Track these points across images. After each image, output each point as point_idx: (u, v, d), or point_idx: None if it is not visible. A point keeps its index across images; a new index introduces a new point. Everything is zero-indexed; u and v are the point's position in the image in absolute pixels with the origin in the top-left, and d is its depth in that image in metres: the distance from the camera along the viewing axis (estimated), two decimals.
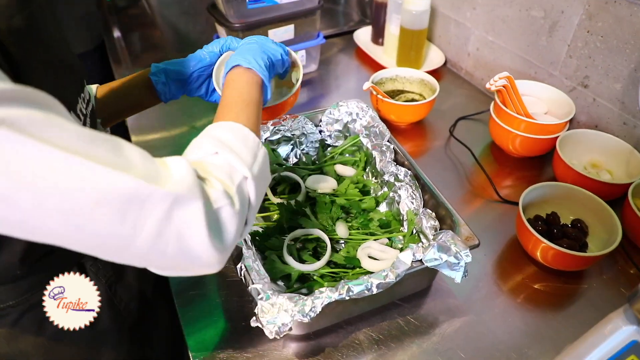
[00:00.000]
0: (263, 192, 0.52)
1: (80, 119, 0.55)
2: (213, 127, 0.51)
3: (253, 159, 0.49)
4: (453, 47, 1.31)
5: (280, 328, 0.56)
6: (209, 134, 0.50)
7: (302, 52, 1.24)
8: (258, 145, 0.51)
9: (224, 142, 0.48)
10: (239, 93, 0.58)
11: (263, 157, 0.51)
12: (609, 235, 0.75)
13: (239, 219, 0.46)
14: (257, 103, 0.58)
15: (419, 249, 0.63)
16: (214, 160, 0.47)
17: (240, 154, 0.48)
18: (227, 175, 0.46)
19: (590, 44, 0.93)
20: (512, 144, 0.96)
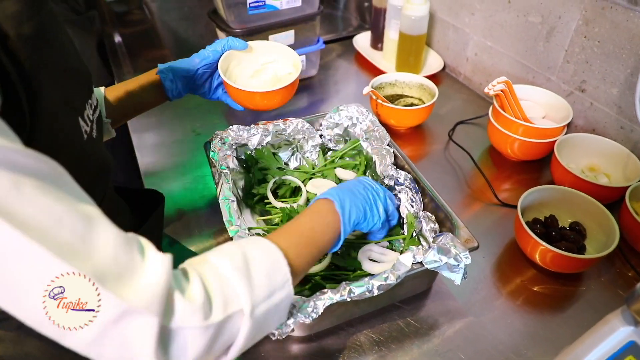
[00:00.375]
0: (260, 335, 0.48)
1: (88, 124, 0.55)
2: (254, 241, 0.49)
3: (267, 296, 0.45)
4: (452, 52, 1.32)
5: (282, 330, 0.57)
6: (244, 247, 0.47)
7: (302, 57, 1.25)
8: (284, 284, 0.47)
9: (247, 263, 0.45)
10: (312, 227, 0.55)
11: (281, 298, 0.47)
12: (607, 238, 0.75)
13: (205, 345, 0.41)
14: (321, 248, 0.55)
15: (419, 251, 0.64)
16: (224, 274, 0.44)
17: (254, 285, 0.44)
18: (222, 297, 0.42)
19: (587, 49, 0.94)
20: (510, 148, 0.97)
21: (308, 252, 0.52)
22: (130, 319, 0.37)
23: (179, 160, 1.03)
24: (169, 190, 0.94)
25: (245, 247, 0.47)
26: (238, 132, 0.85)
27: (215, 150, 0.81)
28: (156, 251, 0.41)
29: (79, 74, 0.56)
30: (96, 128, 0.59)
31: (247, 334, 0.44)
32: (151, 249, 0.41)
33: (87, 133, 0.55)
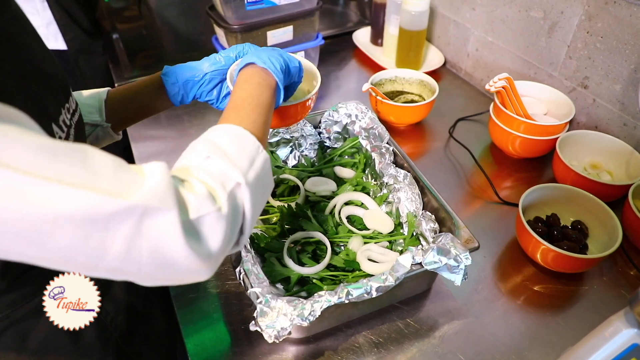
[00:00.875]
0: (263, 199, 0.50)
1: (63, 130, 0.53)
2: (212, 129, 0.50)
3: (249, 164, 0.47)
4: (452, 48, 1.30)
5: (280, 332, 0.56)
6: (206, 137, 0.49)
7: (301, 53, 1.23)
8: (257, 149, 0.49)
9: (218, 146, 0.47)
10: (249, 94, 0.56)
11: (262, 162, 0.49)
12: (609, 237, 0.74)
13: (227, 226, 0.43)
14: (266, 106, 0.56)
15: (418, 252, 0.63)
16: (206, 165, 0.45)
17: (235, 158, 0.46)
18: (217, 181, 0.44)
19: (590, 44, 0.92)
20: (511, 145, 0.96)
21: (258, 114, 0.54)
22: (151, 219, 0.37)
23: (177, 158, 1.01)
24: None
25: (208, 136, 0.49)
26: None
27: None
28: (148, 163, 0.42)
29: (51, 79, 0.53)
30: (74, 133, 0.56)
31: (251, 201, 0.46)
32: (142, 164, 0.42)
33: (61, 139, 0.51)
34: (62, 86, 0.55)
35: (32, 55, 0.50)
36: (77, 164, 0.36)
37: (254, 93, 0.56)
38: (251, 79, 0.58)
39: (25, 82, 0.48)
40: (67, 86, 0.57)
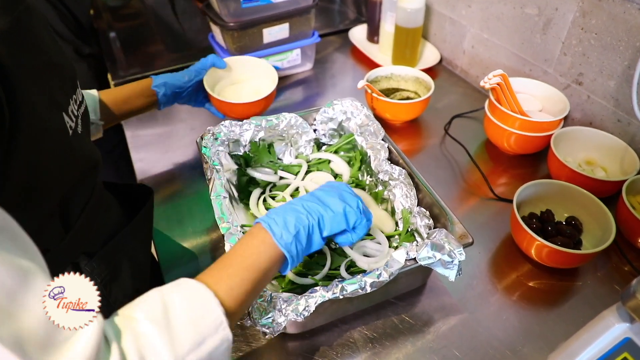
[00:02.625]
0: None
1: (72, 120, 0.55)
2: (177, 284, 0.45)
3: (195, 346, 0.41)
4: (448, 45, 1.31)
5: (274, 327, 0.56)
6: (164, 295, 0.43)
7: (297, 51, 1.23)
8: (217, 327, 0.43)
9: (167, 314, 0.41)
10: (242, 253, 0.50)
11: (216, 344, 0.42)
12: (603, 233, 0.75)
13: None
14: (259, 271, 0.49)
15: (412, 248, 0.63)
16: (140, 330, 0.40)
17: (177, 337, 0.40)
18: (138, 356, 0.39)
19: (585, 41, 0.93)
20: (507, 142, 0.96)
21: (243, 281, 0.47)
22: None
23: (173, 155, 1.02)
24: (163, 186, 0.94)
25: (166, 293, 0.43)
26: (230, 128, 0.84)
27: (207, 146, 0.80)
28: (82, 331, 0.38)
29: (61, 70, 0.55)
30: (81, 124, 0.58)
31: None
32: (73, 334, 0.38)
33: (72, 128, 0.54)
34: (70, 77, 0.57)
35: (44, 46, 0.52)
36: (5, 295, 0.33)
37: (247, 253, 0.50)
38: (253, 237, 0.51)
39: (38, 72, 0.49)
40: (74, 77, 0.58)
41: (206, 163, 0.78)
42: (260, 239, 0.51)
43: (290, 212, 0.53)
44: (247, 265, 0.49)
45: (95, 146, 0.63)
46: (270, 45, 1.19)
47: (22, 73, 0.45)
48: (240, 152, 0.86)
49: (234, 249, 0.51)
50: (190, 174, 0.97)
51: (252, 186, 0.84)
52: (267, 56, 1.19)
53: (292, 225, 0.52)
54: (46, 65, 0.51)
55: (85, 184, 0.60)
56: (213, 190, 0.72)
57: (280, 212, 0.53)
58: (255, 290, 0.49)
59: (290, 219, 0.52)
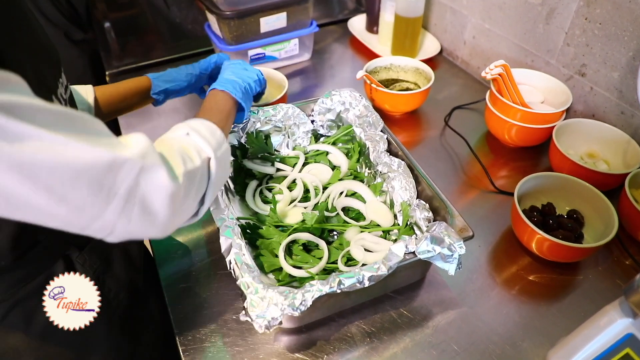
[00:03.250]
0: (223, 177, 0.58)
1: (61, 103, 0.54)
2: (192, 120, 0.59)
3: (218, 146, 0.56)
4: (449, 35, 1.28)
5: (270, 322, 0.55)
6: (184, 122, 0.57)
7: (295, 41, 1.21)
8: (223, 139, 0.58)
9: (195, 128, 0.55)
10: (214, 104, 0.69)
11: (226, 149, 0.58)
12: (605, 226, 0.73)
13: (197, 189, 0.52)
14: (228, 114, 0.69)
15: (411, 241, 0.62)
16: (186, 139, 0.54)
17: (208, 139, 0.55)
18: (195, 152, 0.52)
19: (588, 31, 0.91)
20: (508, 134, 0.95)
21: (221, 118, 0.66)
22: (145, 173, 0.43)
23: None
24: None
25: (186, 122, 0.57)
26: None
27: None
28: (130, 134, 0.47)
29: (48, 52, 0.54)
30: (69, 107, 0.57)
31: (216, 175, 0.55)
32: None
33: None
34: (56, 60, 0.56)
35: (31, 28, 0.51)
36: (83, 125, 0.40)
37: (218, 104, 0.69)
38: (214, 97, 0.71)
39: (27, 53, 0.49)
40: (59, 60, 0.57)
41: None
42: (221, 96, 0.71)
43: (234, 82, 0.73)
44: (221, 110, 0.68)
45: None
46: (267, 35, 1.16)
47: (13, 54, 0.44)
48: (236, 143, 0.84)
49: (207, 104, 0.69)
50: None
51: (249, 178, 0.83)
52: (264, 46, 1.17)
53: (236, 85, 0.73)
54: (34, 47, 0.51)
55: None
56: None
57: (228, 80, 0.73)
58: (229, 124, 0.69)
59: (236, 84, 0.73)
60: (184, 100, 1.13)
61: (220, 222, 0.65)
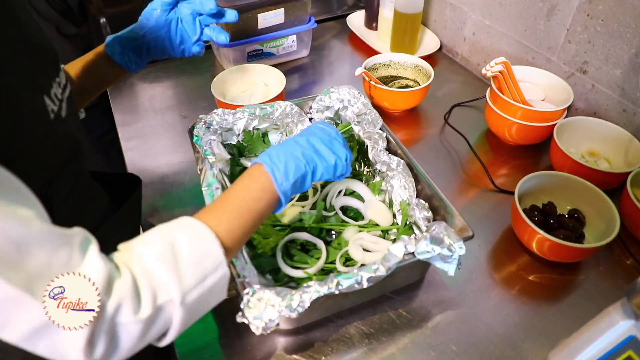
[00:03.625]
0: (201, 313, 0.48)
1: (55, 103, 0.53)
2: (182, 224, 0.47)
3: (198, 282, 0.45)
4: (448, 32, 1.27)
5: (267, 324, 0.54)
6: (170, 233, 0.46)
7: (293, 37, 1.20)
8: (217, 266, 0.46)
9: (174, 252, 0.44)
10: (243, 197, 0.52)
11: (215, 281, 0.46)
12: (607, 226, 0.73)
13: (138, 338, 0.42)
14: (257, 216, 0.52)
15: (410, 241, 0.61)
16: (149, 265, 0.43)
17: (183, 273, 0.44)
18: (150, 291, 0.42)
19: (590, 28, 0.90)
20: (508, 132, 0.94)
21: (242, 224, 0.50)
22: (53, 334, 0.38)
23: (166, 145, 0.99)
24: (154, 176, 0.91)
25: (171, 232, 0.46)
26: (223, 116, 0.81)
27: (198, 134, 0.77)
28: (97, 252, 0.41)
29: (43, 51, 0.52)
30: (67, 108, 0.56)
31: (181, 321, 0.44)
32: (93, 249, 0.41)
33: (54, 112, 0.52)
34: (53, 59, 0.55)
35: (23, 27, 0.49)
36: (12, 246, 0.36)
37: (248, 197, 0.52)
38: (256, 179, 0.54)
39: (17, 53, 0.47)
40: (56, 59, 0.56)
41: (197, 152, 0.76)
42: (261, 183, 0.54)
43: (290, 159, 0.56)
44: (247, 209, 0.51)
45: (82, 132, 0.61)
46: (265, 31, 1.15)
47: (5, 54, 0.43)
48: (234, 141, 0.83)
49: (235, 191, 0.53)
50: (181, 163, 0.94)
51: None
52: (261, 42, 1.16)
53: (292, 174, 0.55)
54: (26, 46, 0.49)
55: (69, 172, 0.58)
56: (204, 181, 0.69)
57: (282, 156, 0.55)
58: (251, 231, 0.53)
59: (291, 167, 0.55)
60: (179, 97, 1.12)
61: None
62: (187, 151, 0.96)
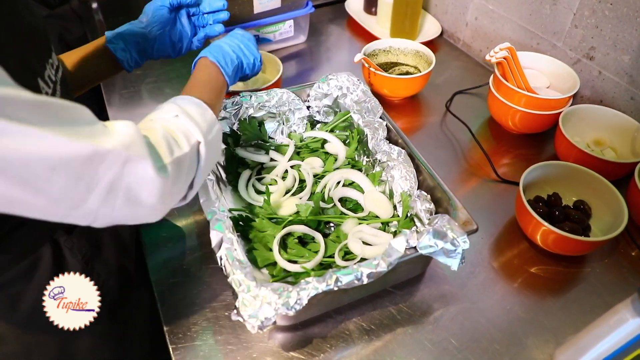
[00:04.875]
0: (213, 160, 0.57)
1: (50, 86, 0.51)
2: (178, 97, 0.56)
3: (208, 129, 0.54)
4: (450, 17, 1.23)
5: (264, 322, 0.52)
6: (174, 101, 0.55)
7: (290, 22, 1.16)
8: (214, 121, 0.56)
9: (185, 110, 0.53)
10: (206, 77, 0.65)
11: (217, 131, 0.56)
12: (614, 218, 0.70)
13: (186, 175, 0.50)
14: (219, 91, 0.65)
15: (412, 235, 0.59)
16: (174, 121, 0.51)
17: (198, 122, 0.53)
18: (184, 137, 0.50)
19: (598, 12, 0.86)
20: (511, 120, 0.91)
21: (213, 95, 0.62)
22: (132, 164, 0.42)
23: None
24: None
25: (176, 101, 0.55)
26: None
27: None
28: (117, 121, 0.45)
29: (35, 32, 0.50)
30: (60, 89, 0.55)
31: (205, 159, 0.53)
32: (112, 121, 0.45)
33: (48, 95, 0.51)
34: (44, 40, 0.53)
35: (15, 7, 0.48)
36: (62, 115, 0.38)
37: (210, 78, 0.65)
38: (206, 69, 0.66)
39: (15, 35, 0.46)
40: (48, 41, 0.54)
41: None
42: (212, 69, 0.67)
43: (227, 53, 0.69)
44: (212, 87, 0.65)
45: None
46: (261, 16, 1.11)
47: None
48: (228, 130, 0.80)
49: (199, 75, 0.65)
50: None
51: (241, 167, 0.79)
52: (258, 27, 1.12)
53: (230, 63, 0.69)
54: (21, 28, 0.48)
55: None
56: None
57: (220, 52, 0.69)
58: (220, 101, 0.66)
59: (227, 58, 0.69)
60: (171, 83, 1.09)
61: (210, 215, 0.61)
62: None
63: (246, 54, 0.73)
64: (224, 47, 0.70)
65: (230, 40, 0.72)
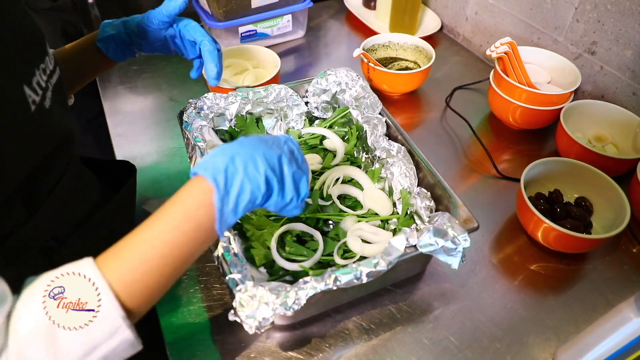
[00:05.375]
0: None
1: (38, 93, 0.49)
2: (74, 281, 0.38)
3: (83, 355, 0.37)
4: (450, 11, 1.22)
5: (261, 323, 0.51)
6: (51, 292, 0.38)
7: (288, 17, 1.15)
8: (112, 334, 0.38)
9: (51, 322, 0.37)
10: (172, 226, 0.41)
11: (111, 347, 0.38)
12: (616, 215, 0.70)
13: None
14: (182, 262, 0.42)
15: (412, 233, 0.58)
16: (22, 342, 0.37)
17: (62, 348, 0.36)
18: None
19: (600, 6, 0.85)
20: (512, 116, 0.90)
21: (157, 278, 0.40)
22: None
23: (155, 131, 0.95)
24: (144, 163, 0.87)
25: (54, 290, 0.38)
26: (214, 101, 0.77)
27: (188, 120, 0.73)
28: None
29: (26, 36, 0.49)
30: (52, 96, 0.53)
31: None
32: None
33: (35, 103, 0.49)
34: (37, 45, 0.51)
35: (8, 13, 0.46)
36: None
37: (180, 224, 0.41)
38: (190, 198, 0.41)
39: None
40: (42, 45, 0.52)
41: (187, 139, 0.72)
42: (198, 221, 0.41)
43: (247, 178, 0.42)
44: (175, 256, 0.41)
45: (72, 119, 0.58)
46: (259, 11, 1.10)
47: None
48: (226, 127, 0.79)
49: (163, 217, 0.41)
50: (172, 149, 0.90)
51: None
52: (255, 22, 1.11)
53: (242, 205, 0.43)
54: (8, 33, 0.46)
55: (56, 162, 0.55)
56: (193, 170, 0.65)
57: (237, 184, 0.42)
58: (170, 283, 0.43)
59: (245, 194, 0.42)
60: (167, 78, 1.07)
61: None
62: (177, 136, 0.92)
63: (285, 188, 0.46)
64: (222, 157, 0.43)
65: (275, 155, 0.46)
